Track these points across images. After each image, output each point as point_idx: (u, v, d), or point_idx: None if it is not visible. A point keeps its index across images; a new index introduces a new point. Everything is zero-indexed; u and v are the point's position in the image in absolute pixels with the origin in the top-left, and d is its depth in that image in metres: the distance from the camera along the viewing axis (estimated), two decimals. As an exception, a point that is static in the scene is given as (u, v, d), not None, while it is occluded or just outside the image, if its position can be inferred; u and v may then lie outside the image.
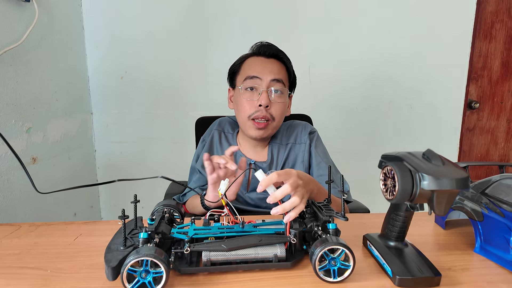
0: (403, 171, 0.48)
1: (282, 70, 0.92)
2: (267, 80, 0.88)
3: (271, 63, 0.91)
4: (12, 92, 1.10)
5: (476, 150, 1.79)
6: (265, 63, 0.91)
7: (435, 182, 0.46)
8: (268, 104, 0.87)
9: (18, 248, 0.63)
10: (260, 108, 0.87)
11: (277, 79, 0.88)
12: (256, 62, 0.91)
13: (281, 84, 0.90)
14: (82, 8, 1.55)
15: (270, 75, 0.88)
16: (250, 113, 0.88)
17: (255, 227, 0.59)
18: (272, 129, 0.92)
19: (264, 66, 0.90)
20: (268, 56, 0.92)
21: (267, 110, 0.88)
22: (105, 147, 1.68)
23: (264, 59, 0.92)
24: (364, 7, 1.59)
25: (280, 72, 0.91)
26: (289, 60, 0.95)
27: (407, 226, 0.56)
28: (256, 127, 0.89)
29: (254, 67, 0.90)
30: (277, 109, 0.89)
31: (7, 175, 1.07)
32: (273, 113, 0.89)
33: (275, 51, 0.93)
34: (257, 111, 0.87)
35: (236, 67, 0.95)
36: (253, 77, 0.88)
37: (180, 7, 1.57)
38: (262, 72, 0.88)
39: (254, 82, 0.88)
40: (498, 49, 1.69)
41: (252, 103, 0.88)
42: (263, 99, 0.86)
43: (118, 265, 0.48)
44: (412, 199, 0.48)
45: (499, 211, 0.58)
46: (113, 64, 1.60)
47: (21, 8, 1.13)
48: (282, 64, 0.93)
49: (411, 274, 0.50)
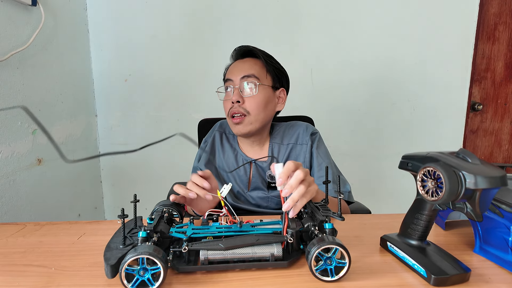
0: (449, 172, 0.47)
1: (255, 65, 0.94)
2: (237, 79, 0.92)
3: (243, 62, 0.95)
4: (18, 95, 1.12)
5: (479, 152, 1.78)
6: (238, 63, 0.95)
7: (482, 181, 0.45)
8: (239, 100, 0.90)
9: (23, 247, 0.65)
10: (233, 105, 0.91)
11: (247, 75, 0.91)
12: (232, 66, 0.97)
13: (252, 78, 0.91)
14: (87, 12, 1.58)
15: (240, 73, 0.92)
16: (227, 111, 0.93)
17: (253, 226, 0.60)
18: (250, 123, 0.92)
19: (236, 66, 0.95)
20: (242, 56, 0.97)
21: (240, 106, 0.91)
22: (110, 149, 1.70)
23: (239, 61, 0.96)
24: (366, 9, 1.60)
25: (252, 68, 0.93)
26: (268, 55, 0.97)
27: (431, 225, 0.57)
28: (233, 123, 0.92)
29: (229, 70, 0.96)
30: (251, 103, 0.91)
31: (13, 176, 1.09)
32: (247, 108, 0.91)
33: (246, 49, 0.96)
34: (231, 107, 0.92)
35: (224, 75, 1.00)
36: (227, 80, 0.94)
37: (184, 11, 1.59)
38: (233, 72, 0.93)
39: (228, 83, 0.93)
40: (502, 51, 1.68)
41: (228, 102, 0.93)
42: (234, 96, 0.91)
43: (117, 263, 0.49)
44: (455, 199, 0.48)
45: (498, 212, 0.58)
46: (117, 67, 1.63)
47: (28, 12, 1.16)
48: (256, 60, 0.95)
49: (446, 272, 0.50)
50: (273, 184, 0.95)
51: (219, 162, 1.00)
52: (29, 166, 1.18)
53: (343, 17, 1.60)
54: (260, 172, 0.97)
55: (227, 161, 0.99)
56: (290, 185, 0.55)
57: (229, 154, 0.99)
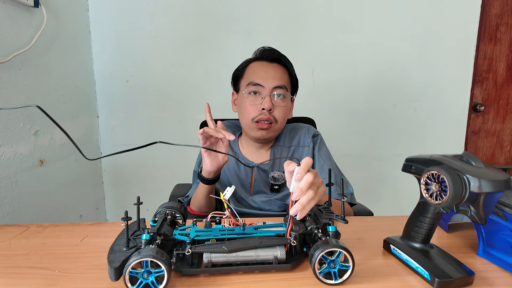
0: (453, 175, 0.47)
1: (284, 75, 0.93)
2: (270, 87, 0.90)
3: (274, 68, 0.92)
4: (20, 96, 1.12)
5: (481, 153, 1.78)
6: (268, 68, 0.92)
7: (486, 184, 0.45)
8: (271, 108, 0.89)
9: (26, 249, 0.65)
10: (263, 111, 0.90)
11: (280, 86, 0.91)
12: (259, 67, 0.93)
13: (284, 89, 0.91)
14: (89, 13, 1.58)
15: (273, 82, 0.90)
16: (253, 116, 0.91)
17: (256, 229, 0.60)
18: (274, 131, 0.93)
19: (267, 72, 0.92)
20: (271, 61, 0.94)
21: (270, 113, 0.90)
22: (111, 149, 1.71)
23: (266, 64, 0.93)
24: (368, 10, 1.60)
25: (283, 77, 0.92)
26: (291, 64, 0.97)
27: (434, 228, 0.56)
28: (259, 128, 0.91)
29: (257, 73, 0.92)
30: (280, 112, 0.92)
31: (15, 177, 1.10)
32: (276, 116, 0.91)
33: (278, 55, 0.95)
34: (261, 114, 0.90)
35: (240, 72, 0.97)
36: (256, 84, 0.91)
37: (185, 12, 1.59)
38: (265, 78, 0.90)
39: (257, 87, 0.91)
40: (503, 52, 1.68)
41: (255, 107, 0.91)
42: (266, 103, 0.89)
43: (121, 265, 0.49)
44: (459, 202, 0.48)
45: (502, 215, 0.58)
46: (119, 68, 1.63)
47: (30, 13, 1.16)
48: (284, 69, 0.94)
49: (450, 275, 0.50)
50: (276, 186, 0.95)
51: None
52: (31, 167, 1.18)
53: (345, 18, 1.60)
54: (262, 175, 0.97)
55: (228, 165, 0.99)
56: (300, 189, 0.55)
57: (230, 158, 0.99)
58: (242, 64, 0.98)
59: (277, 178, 0.94)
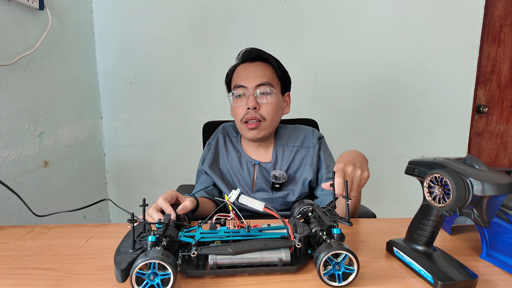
0: (456, 178, 0.47)
1: (267, 71, 0.94)
2: (252, 86, 0.92)
3: (255, 67, 0.94)
4: (25, 98, 1.13)
5: (485, 155, 1.77)
6: (249, 68, 0.95)
7: (489, 188, 0.46)
8: (256, 106, 0.91)
9: (32, 250, 0.65)
10: (249, 111, 0.92)
11: (262, 83, 0.92)
12: (242, 69, 0.96)
13: (267, 86, 0.92)
14: (93, 15, 1.59)
15: (255, 80, 0.92)
16: (241, 117, 0.93)
17: (261, 231, 0.60)
18: (265, 129, 0.94)
19: (249, 72, 0.94)
20: (252, 60, 0.96)
21: (256, 112, 0.92)
22: (114, 151, 1.72)
23: (249, 64, 0.96)
24: (371, 11, 1.60)
25: (265, 74, 0.93)
26: (276, 59, 0.98)
27: (437, 231, 0.56)
28: (248, 128, 0.93)
29: (240, 75, 0.95)
30: (267, 109, 0.93)
31: (20, 178, 1.10)
32: (263, 114, 0.92)
33: (258, 53, 0.96)
34: (247, 113, 0.92)
35: (229, 77, 1.00)
36: (240, 86, 0.93)
37: (188, 14, 1.60)
38: (247, 78, 0.93)
39: (242, 89, 0.93)
40: (507, 53, 1.67)
41: (242, 108, 0.93)
42: (250, 102, 0.91)
43: (128, 267, 0.50)
44: (462, 205, 0.48)
45: (505, 218, 0.58)
46: (122, 70, 1.64)
47: (35, 16, 1.17)
48: (268, 65, 0.96)
49: (453, 278, 0.50)
50: (277, 185, 0.95)
51: (222, 164, 1.01)
52: (36, 168, 1.19)
53: (347, 19, 1.61)
54: (264, 174, 0.97)
55: (230, 163, 1.00)
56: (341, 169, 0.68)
57: (232, 156, 1.01)
58: (229, 70, 1.01)
59: (278, 176, 0.95)
